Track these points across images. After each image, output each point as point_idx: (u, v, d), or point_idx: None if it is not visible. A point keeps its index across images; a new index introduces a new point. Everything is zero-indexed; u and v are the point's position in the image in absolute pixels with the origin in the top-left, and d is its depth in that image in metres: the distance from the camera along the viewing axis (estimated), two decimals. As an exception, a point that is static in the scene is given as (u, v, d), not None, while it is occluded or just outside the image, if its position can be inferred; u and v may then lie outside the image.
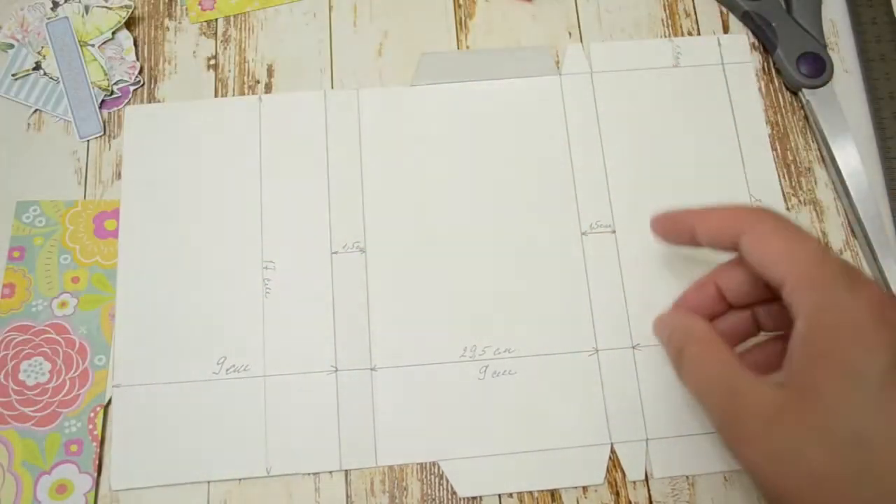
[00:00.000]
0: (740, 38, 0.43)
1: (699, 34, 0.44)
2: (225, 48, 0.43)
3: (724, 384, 0.28)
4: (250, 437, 0.36)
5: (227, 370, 0.37)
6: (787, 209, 0.40)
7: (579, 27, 0.44)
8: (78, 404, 0.36)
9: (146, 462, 0.35)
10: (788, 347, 0.27)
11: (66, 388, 0.36)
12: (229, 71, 0.42)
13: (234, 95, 0.42)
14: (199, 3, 0.43)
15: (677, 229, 0.33)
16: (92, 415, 0.36)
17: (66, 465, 0.35)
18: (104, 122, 0.41)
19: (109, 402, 0.36)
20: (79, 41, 0.42)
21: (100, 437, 0.36)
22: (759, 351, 0.33)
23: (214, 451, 0.36)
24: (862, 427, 0.25)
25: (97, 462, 0.35)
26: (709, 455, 0.36)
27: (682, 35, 0.44)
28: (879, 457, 0.24)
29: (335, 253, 0.39)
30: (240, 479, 0.36)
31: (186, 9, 0.43)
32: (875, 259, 0.38)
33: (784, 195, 0.40)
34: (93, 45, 0.42)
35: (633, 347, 0.37)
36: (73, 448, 0.35)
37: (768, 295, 0.31)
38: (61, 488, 0.35)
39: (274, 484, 0.36)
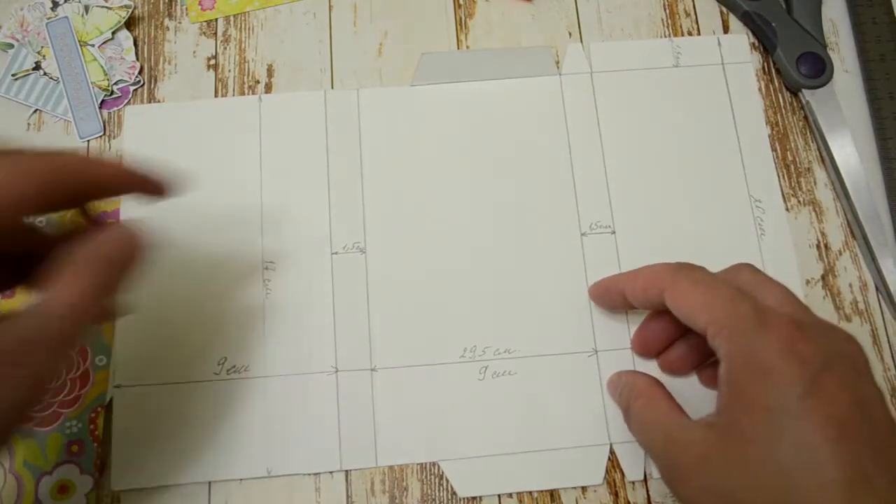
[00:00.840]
0: (740, 38, 0.43)
1: (699, 34, 0.44)
2: (225, 48, 0.43)
3: (661, 433, 0.31)
4: (251, 437, 0.36)
5: (228, 371, 0.37)
6: (787, 209, 0.40)
7: (579, 27, 0.44)
8: (79, 405, 0.36)
9: (147, 462, 0.36)
10: (718, 388, 0.29)
11: (67, 388, 0.36)
12: (229, 71, 0.42)
13: (234, 95, 0.42)
14: (199, 3, 0.43)
15: (611, 295, 0.36)
16: (93, 415, 0.36)
17: (67, 465, 0.35)
18: (104, 123, 0.41)
19: (110, 402, 0.36)
20: (79, 41, 0.42)
21: (101, 438, 0.36)
22: (712, 368, 0.35)
23: (215, 451, 0.36)
24: (781, 457, 0.26)
25: (98, 462, 0.35)
26: (707, 455, 0.36)
27: (682, 35, 0.44)
28: (800, 484, 0.25)
29: (335, 253, 0.39)
30: (240, 480, 0.36)
31: (186, 9, 0.43)
32: (874, 260, 0.38)
33: (784, 195, 0.40)
34: (93, 45, 0.42)
35: (632, 348, 0.37)
36: (75, 448, 0.35)
37: None
38: (63, 489, 0.35)
39: (275, 484, 0.36)
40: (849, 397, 0.26)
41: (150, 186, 0.30)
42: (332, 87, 0.42)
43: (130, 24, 0.43)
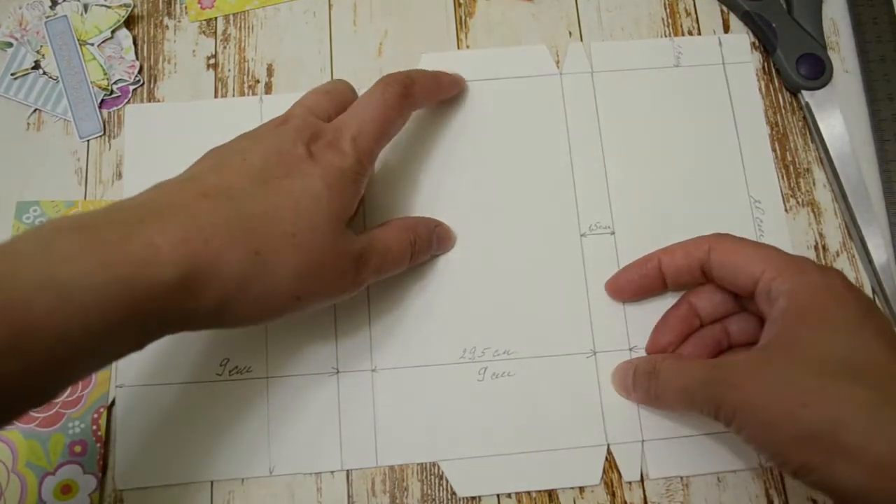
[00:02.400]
0: (741, 38, 0.43)
1: (699, 33, 0.44)
2: (224, 47, 0.43)
3: (705, 367, 0.32)
4: (253, 437, 0.36)
5: (230, 371, 0.37)
6: (786, 210, 0.40)
7: (579, 26, 0.43)
8: (81, 405, 0.36)
9: (150, 462, 0.36)
10: (766, 325, 0.31)
11: (70, 388, 0.37)
12: (229, 70, 0.42)
13: (233, 95, 0.42)
14: (199, 2, 0.43)
15: (643, 270, 0.37)
16: (96, 416, 0.36)
17: (70, 465, 0.36)
18: (104, 122, 0.41)
19: (113, 402, 0.37)
20: (78, 40, 0.41)
21: (103, 438, 0.36)
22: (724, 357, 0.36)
23: (217, 451, 0.36)
24: (847, 354, 0.28)
25: (101, 462, 0.36)
26: (703, 456, 0.36)
27: (683, 34, 0.43)
28: (867, 370, 0.28)
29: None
30: (243, 479, 0.36)
31: (186, 7, 0.43)
32: (870, 262, 0.39)
33: (783, 196, 0.41)
34: (92, 44, 0.42)
35: (630, 349, 0.38)
36: (77, 449, 0.36)
37: (736, 308, 0.36)
38: (66, 489, 0.35)
39: (276, 484, 0.36)
40: (893, 328, 0.30)
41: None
42: (333, 87, 0.42)
43: (130, 22, 0.43)
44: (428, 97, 0.38)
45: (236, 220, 0.28)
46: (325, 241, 0.30)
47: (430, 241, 0.37)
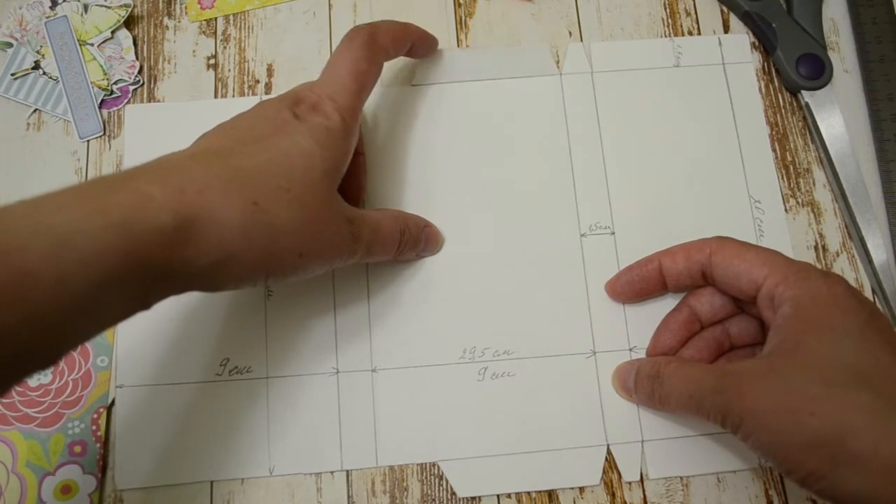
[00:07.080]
0: (741, 38, 0.43)
1: (699, 33, 0.44)
2: (224, 47, 0.43)
3: (711, 373, 0.31)
4: (253, 437, 0.36)
5: (230, 372, 0.37)
6: (786, 210, 0.40)
7: (579, 26, 0.43)
8: (81, 405, 0.36)
9: (150, 462, 0.36)
10: (771, 332, 0.31)
11: (69, 389, 0.37)
12: (229, 70, 0.42)
13: (233, 95, 0.42)
14: (199, 2, 0.43)
15: (643, 272, 0.37)
16: (95, 416, 0.36)
17: (70, 465, 0.36)
18: (104, 122, 0.41)
19: (113, 402, 0.37)
20: (78, 40, 0.41)
21: (103, 438, 0.36)
22: (727, 359, 0.36)
23: (217, 451, 0.36)
24: (853, 361, 0.28)
25: (101, 463, 0.36)
26: (703, 456, 0.36)
27: (683, 34, 0.43)
28: (873, 376, 0.28)
29: (335, 254, 0.39)
30: (243, 479, 0.36)
31: (186, 7, 0.43)
32: (870, 262, 0.39)
33: (783, 196, 0.41)
34: (92, 45, 0.42)
35: (630, 350, 0.38)
36: (77, 449, 0.36)
37: (737, 310, 0.36)
38: (66, 489, 0.35)
39: (276, 484, 0.36)
40: None
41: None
42: (332, 87, 0.42)
43: (130, 23, 0.43)
44: (396, 44, 0.37)
45: (229, 174, 0.28)
46: (319, 198, 0.30)
47: (419, 237, 0.37)
